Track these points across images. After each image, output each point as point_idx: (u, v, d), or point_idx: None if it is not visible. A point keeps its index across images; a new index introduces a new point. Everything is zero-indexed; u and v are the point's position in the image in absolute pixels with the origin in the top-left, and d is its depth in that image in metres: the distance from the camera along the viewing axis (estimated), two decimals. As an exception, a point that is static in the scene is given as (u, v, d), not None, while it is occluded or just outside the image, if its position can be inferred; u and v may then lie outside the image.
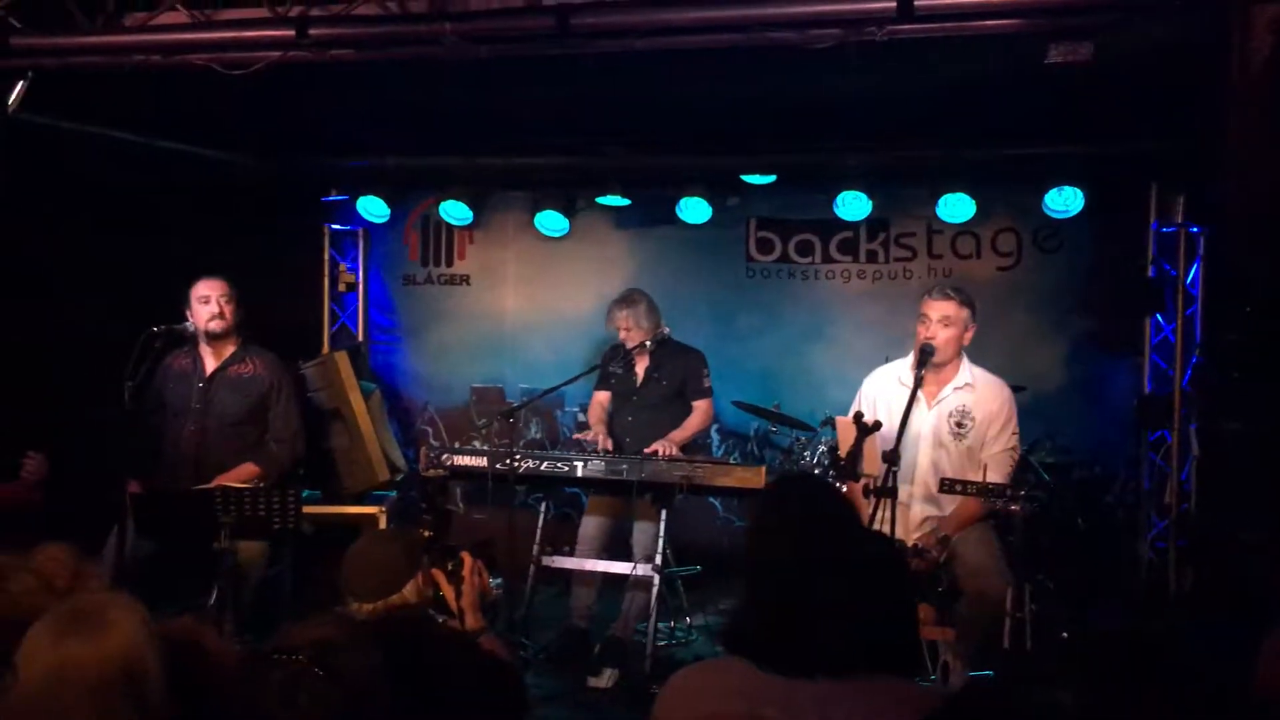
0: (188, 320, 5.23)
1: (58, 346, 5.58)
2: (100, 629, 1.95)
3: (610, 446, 5.71)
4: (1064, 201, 6.36)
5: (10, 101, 4.96)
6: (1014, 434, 4.71)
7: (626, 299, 5.92)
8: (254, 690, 1.84)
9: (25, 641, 1.97)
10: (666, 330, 5.86)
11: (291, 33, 3.95)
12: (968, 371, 4.76)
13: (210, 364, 5.33)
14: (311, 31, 3.92)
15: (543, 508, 5.88)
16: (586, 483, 5.70)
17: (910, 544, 4.36)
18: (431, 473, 5.41)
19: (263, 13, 4.05)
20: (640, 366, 5.93)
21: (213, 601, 4.58)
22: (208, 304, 5.22)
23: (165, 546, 4.98)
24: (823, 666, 2.04)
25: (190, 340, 5.28)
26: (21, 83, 4.93)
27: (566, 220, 7.22)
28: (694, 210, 6.91)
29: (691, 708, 2.12)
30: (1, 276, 5.56)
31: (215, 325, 5.23)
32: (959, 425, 4.68)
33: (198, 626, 2.32)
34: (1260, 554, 4.18)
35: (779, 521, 2.27)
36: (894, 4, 3.54)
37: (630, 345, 5.83)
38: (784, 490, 2.41)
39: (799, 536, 2.19)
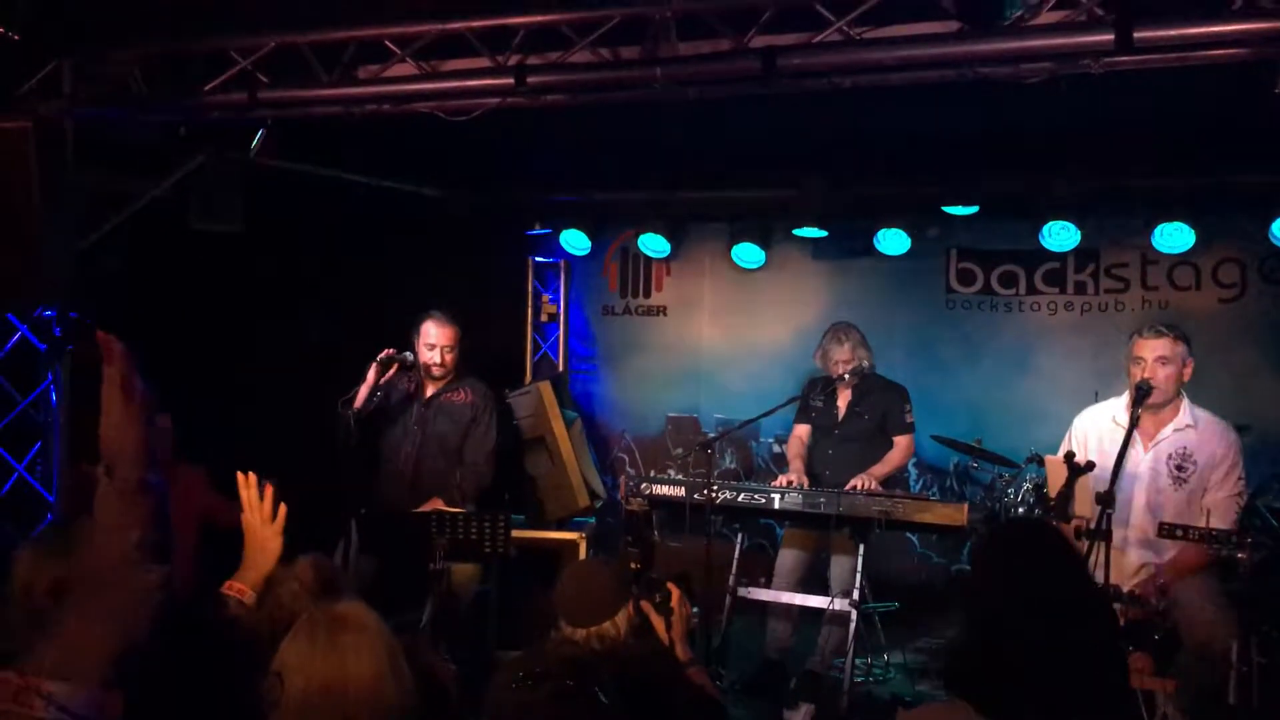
0: (410, 349, 5.50)
1: (291, 372, 6.00)
2: (355, 640, 2.10)
3: (805, 482, 5.69)
4: (1293, 230, 6.01)
5: (253, 148, 5.40)
6: (1240, 479, 4.47)
7: (840, 334, 5.86)
8: (523, 706, 1.96)
9: (284, 651, 2.14)
10: (867, 364, 5.82)
11: (511, 81, 4.15)
12: (1189, 413, 4.54)
13: (429, 390, 5.60)
14: (530, 79, 4.11)
15: (738, 539, 5.91)
16: (784, 515, 5.71)
17: (1127, 590, 4.20)
18: (635, 504, 5.53)
19: (484, 62, 4.27)
20: (842, 400, 5.90)
21: (426, 618, 4.80)
22: (433, 350, 5.49)
23: (385, 564, 5.26)
24: (1041, 713, 2.04)
25: (413, 366, 5.56)
26: (261, 130, 5.36)
27: (763, 252, 7.27)
28: (893, 241, 6.86)
29: None
30: (242, 306, 6.03)
31: (437, 371, 5.51)
32: (1179, 469, 4.48)
33: (422, 643, 2.48)
34: None
35: (1006, 565, 2.27)
36: (1111, 36, 3.45)
37: (837, 372, 5.80)
38: (1012, 533, 2.39)
39: (1024, 581, 2.19)
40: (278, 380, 6.01)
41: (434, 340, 5.49)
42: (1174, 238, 6.23)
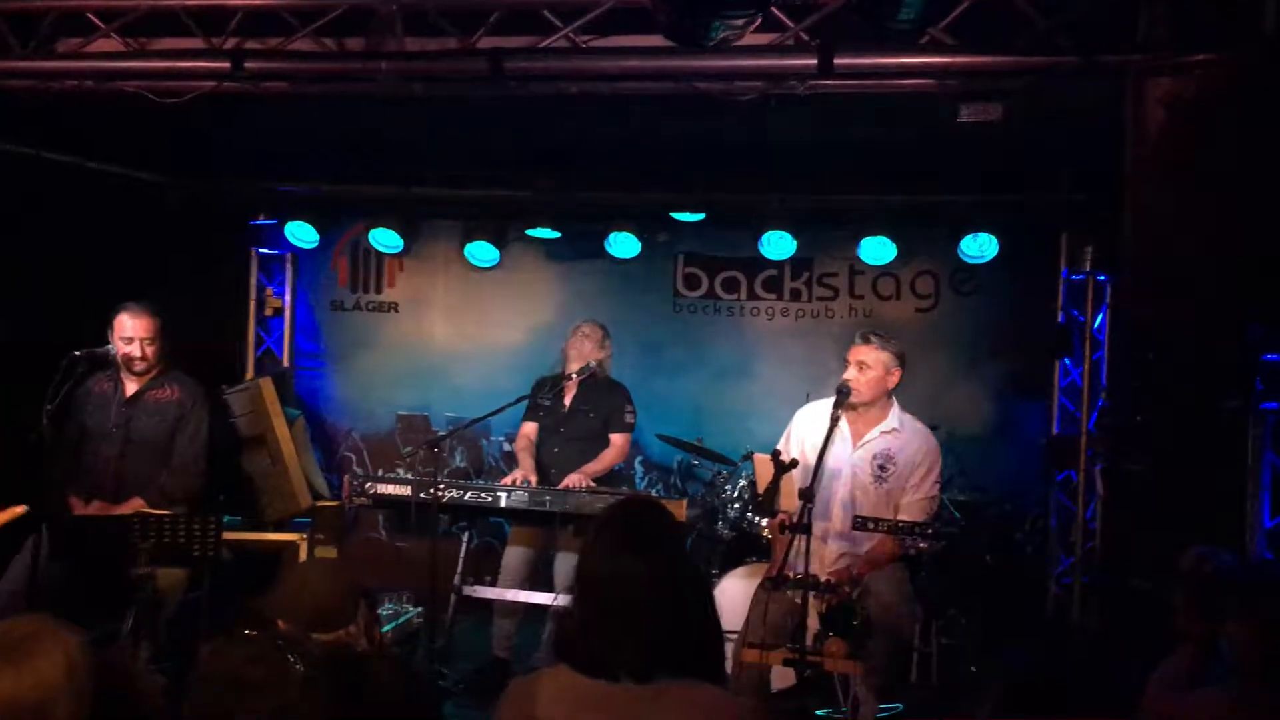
0: (110, 344, 5.19)
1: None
2: (21, 662, 1.96)
3: (534, 479, 5.76)
4: (979, 247, 6.59)
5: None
6: (935, 483, 4.82)
7: (595, 323, 6.10)
8: (218, 664, 1.91)
9: None
10: (594, 364, 5.94)
11: (226, 65, 3.99)
12: (896, 417, 4.87)
13: (131, 387, 5.29)
14: (247, 65, 3.98)
15: (465, 537, 5.91)
16: (510, 513, 5.75)
17: (824, 579, 4.48)
18: (353, 501, 5.43)
19: (198, 43, 4.09)
20: (568, 399, 6.01)
21: (127, 628, 4.53)
22: (131, 344, 5.19)
23: (78, 570, 4.92)
24: (632, 672, 2.22)
25: (112, 364, 5.25)
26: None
27: (497, 251, 7.28)
28: (623, 245, 7.03)
29: (522, 713, 2.30)
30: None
31: (137, 365, 5.21)
32: (881, 469, 4.79)
33: (124, 656, 2.35)
34: (1150, 598, 4.39)
35: (600, 539, 2.43)
36: (815, 61, 3.70)
37: (572, 368, 5.91)
38: (610, 510, 2.56)
39: (616, 552, 2.35)
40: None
41: (130, 333, 5.18)
42: (877, 250, 6.68)
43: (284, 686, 2.02)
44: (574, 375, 5.92)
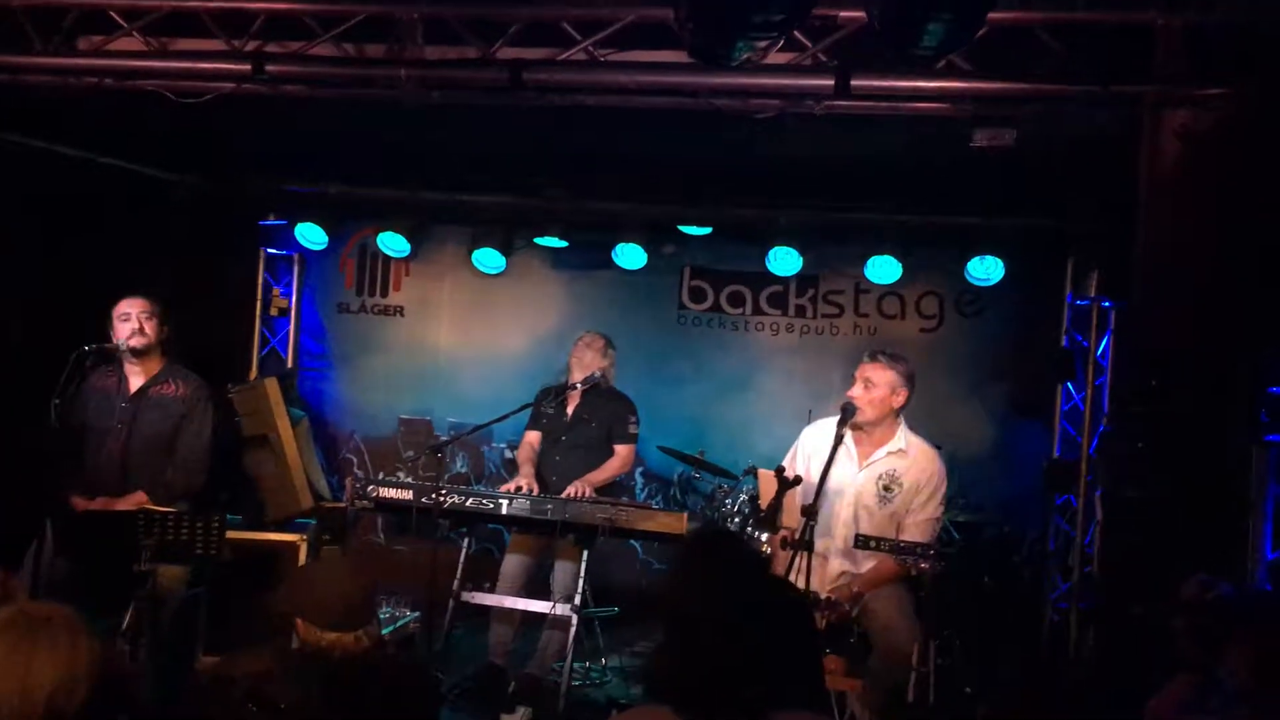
0: (115, 339, 5.20)
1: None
2: (49, 643, 1.98)
3: (535, 487, 5.77)
4: (985, 270, 6.62)
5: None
6: (940, 505, 4.83)
7: (598, 334, 6.11)
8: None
9: None
10: (598, 374, 5.95)
11: (248, 67, 4.02)
12: (903, 437, 4.88)
13: (135, 383, 5.29)
14: (268, 68, 4.00)
15: (465, 543, 5.91)
16: (510, 520, 5.75)
17: (824, 596, 4.50)
18: (355, 504, 5.45)
19: (219, 45, 4.12)
20: (571, 408, 6.02)
21: (127, 624, 4.54)
22: (128, 321, 5.19)
23: (81, 566, 4.93)
24: (737, 710, 2.10)
25: (118, 359, 5.25)
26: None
27: (504, 258, 7.30)
28: (630, 256, 7.05)
29: None
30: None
31: (136, 342, 5.20)
32: (886, 489, 4.80)
33: (114, 653, 2.37)
34: (1146, 625, 4.41)
35: (693, 574, 2.37)
36: (832, 82, 3.73)
37: (576, 377, 5.93)
38: (700, 544, 2.52)
39: (712, 588, 2.28)
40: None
41: (126, 310, 5.17)
42: (884, 269, 6.71)
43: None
44: (578, 385, 5.93)
